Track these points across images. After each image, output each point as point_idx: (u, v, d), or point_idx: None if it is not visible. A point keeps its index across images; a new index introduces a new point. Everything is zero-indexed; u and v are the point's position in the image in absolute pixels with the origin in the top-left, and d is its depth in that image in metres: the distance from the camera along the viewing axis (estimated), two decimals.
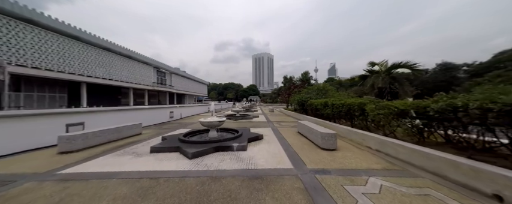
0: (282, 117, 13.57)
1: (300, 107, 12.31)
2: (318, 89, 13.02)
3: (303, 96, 12.06)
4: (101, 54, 21.13)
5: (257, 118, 12.58)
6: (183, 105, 15.49)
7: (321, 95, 12.00)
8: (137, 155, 4.22)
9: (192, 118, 14.10)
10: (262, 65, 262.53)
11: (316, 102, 9.75)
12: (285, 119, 12.68)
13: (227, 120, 11.50)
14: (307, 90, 13.67)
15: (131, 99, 27.34)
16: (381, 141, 4.27)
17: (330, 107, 7.68)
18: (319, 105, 9.13)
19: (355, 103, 5.75)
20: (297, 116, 12.81)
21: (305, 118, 10.39)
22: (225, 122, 10.34)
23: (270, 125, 9.52)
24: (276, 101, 71.30)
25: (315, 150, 4.47)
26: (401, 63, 8.25)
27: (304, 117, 10.85)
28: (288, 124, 9.76)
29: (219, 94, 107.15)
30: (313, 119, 9.42)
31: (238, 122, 11.06)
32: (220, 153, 4.23)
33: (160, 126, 9.92)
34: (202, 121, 5.27)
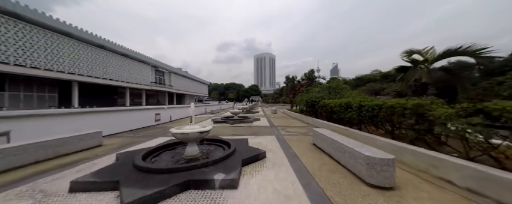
0: (287, 121, 11.91)
1: (309, 108, 10.60)
2: (330, 87, 11.29)
3: (312, 95, 10.35)
4: (94, 51, 19.94)
5: (258, 121, 11.02)
6: (174, 106, 13.89)
7: (334, 94, 10.35)
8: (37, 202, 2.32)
9: (182, 121, 12.43)
10: (264, 65, 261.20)
11: (331, 103, 8.20)
12: (291, 122, 11.02)
13: (222, 124, 9.99)
14: (317, 89, 11.98)
15: (127, 99, 26.18)
16: (482, 174, 2.38)
17: (355, 109, 5.99)
18: (336, 107, 7.58)
19: (407, 105, 3.85)
20: (304, 118, 11.18)
21: (316, 123, 8.76)
22: (220, 127, 8.81)
23: (274, 131, 7.85)
24: (278, 101, 69.84)
25: (357, 189, 2.62)
26: (459, 49, 5.83)
27: (315, 120, 9.24)
28: (296, 130, 8.07)
29: (220, 94, 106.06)
30: (326, 123, 7.80)
31: (235, 126, 9.48)
32: (190, 196, 2.39)
33: (139, 132, 8.30)
34: (174, 132, 3.48)
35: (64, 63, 16.92)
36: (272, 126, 9.29)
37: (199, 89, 53.37)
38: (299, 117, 12.46)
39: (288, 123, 10.37)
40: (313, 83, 14.68)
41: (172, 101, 39.08)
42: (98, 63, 20.44)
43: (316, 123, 9.08)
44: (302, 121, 11.35)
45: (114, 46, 22.23)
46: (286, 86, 31.65)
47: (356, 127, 6.45)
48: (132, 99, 29.36)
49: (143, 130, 8.91)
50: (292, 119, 12.66)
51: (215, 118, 12.35)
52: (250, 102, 71.42)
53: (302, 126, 9.23)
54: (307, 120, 10.63)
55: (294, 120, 11.88)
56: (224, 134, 6.84)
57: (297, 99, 13.65)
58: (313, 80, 15.03)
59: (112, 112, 8.40)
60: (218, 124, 10.08)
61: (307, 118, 10.76)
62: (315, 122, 9.25)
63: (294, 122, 11.30)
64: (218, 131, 7.97)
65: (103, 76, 21.02)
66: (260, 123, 10.61)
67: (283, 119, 12.97)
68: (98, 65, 20.43)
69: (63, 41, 16.82)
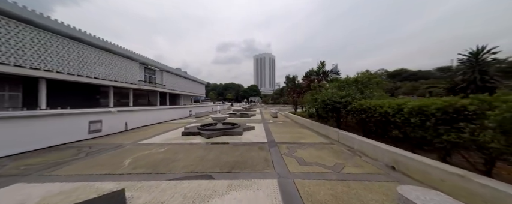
0: (293, 130, 8.76)
1: (327, 113, 7.37)
2: (359, 81, 7.74)
3: (333, 93, 6.92)
4: (67, 44, 17.23)
5: (250, 133, 7.85)
6: (133, 109, 10.59)
7: (367, 92, 7.15)
8: None
9: (145, 130, 9.02)
10: (264, 65, 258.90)
11: (386, 106, 4.56)
12: (299, 134, 7.83)
13: (192, 139, 6.94)
14: (336, 84, 8.66)
15: (111, 100, 23.47)
16: None
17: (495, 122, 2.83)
18: (400, 116, 4.16)
19: None
20: (319, 128, 8.00)
21: (349, 140, 5.43)
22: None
23: (275, 158, 4.67)
24: (278, 102, 67.18)
25: None
26: None
27: (342, 135, 5.92)
28: (318, 157, 4.77)
29: (218, 95, 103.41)
30: (387, 149, 4.20)
31: (206, 147, 6.27)
32: None
33: (43, 154, 5.34)
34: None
35: (25, 56, 14.21)
36: (271, 144, 6.03)
37: (196, 89, 50.70)
38: (310, 125, 9.40)
39: (296, 137, 7.25)
40: (325, 79, 11.56)
41: (164, 102, 36.43)
42: (72, 58, 17.73)
43: (348, 141, 5.68)
44: (317, 132, 8.17)
45: (94, 39, 19.53)
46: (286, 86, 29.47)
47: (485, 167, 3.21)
48: (118, 100, 26.72)
49: (57, 151, 5.80)
50: (299, 128, 9.60)
51: (190, 126, 9.52)
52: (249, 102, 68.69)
53: (322, 144, 6.01)
54: (326, 131, 7.44)
55: (304, 130, 8.80)
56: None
57: (306, 99, 10.38)
58: (325, 74, 11.84)
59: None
60: (188, 138, 6.98)
61: (325, 128, 7.49)
62: (345, 139, 5.83)
63: (304, 133, 8.17)
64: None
65: (78, 73, 18.30)
66: (253, 134, 7.63)
67: (287, 126, 9.96)
68: (72, 60, 17.72)
69: (23, 30, 14.11)
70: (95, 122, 7.42)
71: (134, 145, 6.01)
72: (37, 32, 14.97)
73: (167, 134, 7.84)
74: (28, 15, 14.04)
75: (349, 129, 7.07)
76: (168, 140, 6.63)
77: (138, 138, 7.01)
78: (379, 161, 4.34)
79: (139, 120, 10.47)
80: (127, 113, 9.78)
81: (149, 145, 5.91)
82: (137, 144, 6.07)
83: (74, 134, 6.78)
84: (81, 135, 6.97)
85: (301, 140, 6.73)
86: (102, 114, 8.00)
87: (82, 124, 7.08)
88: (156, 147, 5.50)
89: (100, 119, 7.72)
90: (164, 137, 7.14)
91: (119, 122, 8.93)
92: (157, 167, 4.04)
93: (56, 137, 6.28)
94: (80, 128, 7.00)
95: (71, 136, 6.69)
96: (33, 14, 14.29)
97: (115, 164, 4.20)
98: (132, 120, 9.76)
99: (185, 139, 6.68)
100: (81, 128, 7.03)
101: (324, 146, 5.90)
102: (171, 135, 7.64)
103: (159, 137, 7.15)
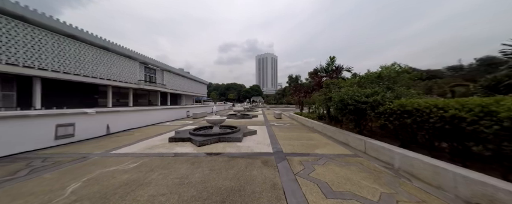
0: (302, 135, 7.56)
1: (344, 115, 6.04)
2: (387, 77, 6.43)
3: (355, 91, 5.74)
4: (63, 42, 16.62)
5: (251, 138, 6.67)
6: (120, 109, 9.29)
7: (400, 89, 5.85)
8: None
9: (127, 136, 7.62)
10: (266, 65, 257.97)
11: (458, 105, 3.17)
12: (312, 140, 6.45)
13: (183, 147, 5.76)
14: (357, 81, 7.33)
15: (110, 99, 22.89)
16: None
17: None
18: (495, 123, 2.57)
19: None
20: (336, 133, 6.56)
21: (385, 151, 4.13)
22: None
23: (284, 179, 3.27)
24: (281, 102, 66.20)
25: None
26: None
27: (371, 144, 4.63)
28: (362, 198, 2.62)
29: (220, 95, 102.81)
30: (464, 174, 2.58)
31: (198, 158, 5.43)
32: None
33: None
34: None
35: (18, 54, 13.62)
36: (279, 156, 4.62)
37: (197, 89, 50.08)
38: (321, 129, 8.01)
39: (308, 144, 5.84)
40: (336, 76, 10.36)
41: (165, 102, 35.84)
42: (69, 56, 17.12)
43: (381, 154, 4.29)
44: (332, 139, 6.71)
45: (91, 37, 18.93)
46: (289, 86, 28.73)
47: None
48: (117, 100, 26.11)
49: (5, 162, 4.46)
50: (309, 132, 8.22)
51: (182, 129, 8.22)
52: (251, 103, 67.83)
53: (345, 158, 4.56)
54: (344, 138, 6.02)
55: (316, 135, 7.33)
56: None
57: (314, 99, 9.22)
58: (339, 70, 10.62)
59: None
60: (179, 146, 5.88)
61: (343, 134, 6.12)
62: (377, 150, 4.44)
63: (316, 139, 6.71)
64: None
65: (75, 72, 17.70)
66: (255, 141, 6.35)
67: (295, 130, 8.70)
68: (69, 58, 17.11)
69: (16, 26, 13.51)
70: (64, 125, 6.24)
71: (103, 156, 4.77)
72: (31, 29, 14.37)
73: (153, 140, 6.74)
74: (21, 12, 13.44)
75: (373, 135, 5.62)
76: (149, 148, 5.55)
77: (114, 146, 5.85)
78: (448, 191, 2.78)
79: (126, 123, 9.28)
80: (110, 114, 8.47)
81: (121, 157, 4.70)
82: (107, 155, 4.87)
83: (34, 141, 5.52)
84: (44, 142, 5.74)
85: (315, 149, 5.32)
86: (75, 116, 6.76)
87: (46, 128, 5.83)
88: (128, 161, 4.34)
89: (72, 122, 6.51)
90: (146, 145, 6.02)
91: (98, 124, 7.74)
92: (109, 200, 2.62)
93: (6, 145, 4.95)
94: (42, 134, 5.76)
95: (29, 144, 5.38)
96: (26, 10, 13.69)
97: (51, 193, 2.84)
98: (117, 123, 8.63)
99: (171, 147, 5.58)
100: (44, 133, 5.80)
101: (348, 159, 4.44)
102: (156, 141, 6.54)
103: (141, 145, 6.03)
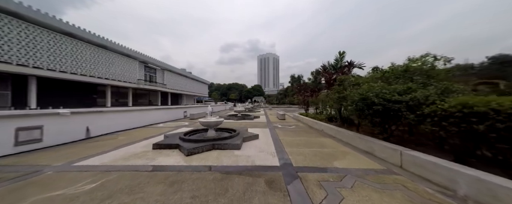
0: (314, 141, 6.50)
1: (365, 116, 5.20)
2: (418, 71, 5.37)
3: (382, 88, 4.66)
4: (59, 40, 16.11)
5: (252, 146, 5.55)
6: (103, 110, 8.35)
7: (439, 85, 4.58)
8: None
9: (106, 141, 6.56)
10: (268, 65, 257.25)
11: None
12: (331, 150, 5.23)
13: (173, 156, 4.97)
14: (381, 76, 6.18)
15: (109, 99, 22.39)
16: None
17: None
18: None
19: None
20: (356, 140, 5.51)
21: (443, 170, 2.87)
22: None
23: None
24: (283, 102, 65.45)
25: None
26: None
27: (414, 156, 3.55)
28: None
29: (222, 95, 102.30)
30: None
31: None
32: None
33: None
34: None
35: (11, 51, 13.11)
36: (288, 173, 3.50)
37: (199, 89, 49.55)
38: (334, 134, 6.92)
39: (322, 154, 4.80)
40: (348, 72, 9.34)
41: (166, 102, 35.32)
42: (65, 54, 16.61)
43: (433, 173, 3.13)
44: (350, 145, 5.68)
45: (89, 35, 18.42)
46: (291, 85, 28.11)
47: None
48: (117, 99, 25.58)
49: None
50: (319, 136, 7.07)
51: (171, 133, 6.98)
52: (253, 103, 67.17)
53: (378, 177, 3.36)
54: (368, 146, 4.97)
55: (328, 141, 6.30)
56: None
57: (323, 98, 7.97)
58: (352, 66, 9.56)
59: None
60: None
61: (366, 141, 5.07)
62: (424, 167, 3.32)
63: (330, 146, 5.70)
64: None
65: (73, 71, 17.19)
66: (256, 148, 5.37)
67: (302, 134, 7.53)
68: (65, 57, 16.59)
69: (9, 23, 13.00)
70: (28, 129, 5.32)
71: (60, 171, 3.81)
72: (25, 26, 13.86)
73: (136, 146, 5.75)
74: (15, 8, 12.92)
75: (402, 143, 4.47)
76: (125, 158, 4.59)
77: (85, 154, 4.91)
78: None
79: (111, 124, 8.33)
80: (91, 114, 7.44)
81: (83, 172, 3.73)
82: (66, 169, 3.91)
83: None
84: (4, 149, 4.87)
85: (334, 161, 4.24)
86: (44, 118, 5.75)
87: (1, 133, 4.90)
88: (87, 179, 3.36)
89: (39, 125, 5.59)
90: (124, 153, 5.04)
91: (76, 127, 6.77)
92: None
93: None
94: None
95: None
96: (20, 6, 13.17)
97: None
98: (100, 124, 7.71)
99: (152, 157, 4.61)
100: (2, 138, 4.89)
101: (384, 178, 3.25)
102: (139, 147, 5.57)
103: (117, 153, 5.04)
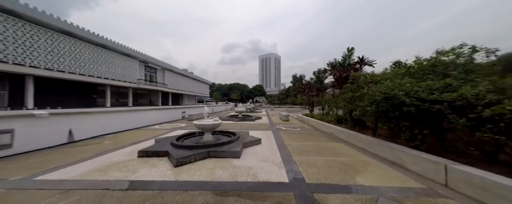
0: (325, 147, 5.71)
1: (391, 120, 4.30)
2: (448, 65, 4.50)
3: (413, 84, 3.83)
4: (56, 39, 15.77)
5: (253, 153, 4.81)
6: (90, 111, 7.70)
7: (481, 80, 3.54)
8: None
9: (91, 146, 5.86)
10: (269, 65, 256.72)
11: None
12: (347, 160, 4.28)
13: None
14: (405, 72, 5.42)
15: (108, 99, 22.05)
16: None
17: None
18: None
19: None
20: (376, 147, 4.75)
21: None
22: None
23: None
24: (285, 102, 64.91)
25: None
26: None
27: (470, 173, 2.68)
28: None
29: (223, 95, 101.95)
30: None
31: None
32: None
33: None
34: None
35: (7, 50, 12.77)
36: (302, 194, 2.77)
37: (200, 89, 49.22)
38: (346, 138, 6.15)
39: (338, 164, 4.04)
40: (360, 70, 8.53)
41: (167, 102, 34.97)
42: (64, 54, 16.26)
43: (490, 195, 2.46)
44: (369, 153, 4.90)
45: (87, 34, 18.06)
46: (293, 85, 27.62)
47: None
48: (117, 99, 25.26)
49: None
50: (329, 140, 6.30)
51: (163, 137, 6.48)
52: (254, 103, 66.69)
53: (420, 200, 2.63)
54: (395, 155, 4.15)
55: (340, 147, 5.53)
56: None
57: (342, 96, 7.10)
58: (363, 62, 8.68)
59: None
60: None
61: (392, 148, 4.25)
62: (488, 191, 2.48)
63: (344, 153, 4.92)
64: None
65: (71, 70, 16.84)
66: (259, 156, 4.58)
67: (310, 138, 6.74)
68: (64, 56, 16.25)
69: (5, 21, 12.66)
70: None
71: (15, 186, 3.20)
72: (21, 25, 13.53)
73: (119, 153, 4.97)
74: (10, 6, 12.58)
75: (430, 150, 3.77)
76: (101, 169, 3.82)
77: (55, 164, 4.10)
78: None
79: (99, 126, 7.60)
80: (75, 116, 6.58)
81: (39, 190, 3.04)
82: (23, 185, 3.24)
83: None
84: None
85: (356, 176, 3.43)
86: (15, 120, 4.91)
87: None
88: (40, 200, 2.75)
89: (9, 128, 4.84)
90: (102, 162, 4.26)
91: (56, 130, 6.05)
92: None
93: None
94: None
95: None
96: (15, 4, 12.82)
97: None
98: (86, 127, 7.01)
99: (134, 168, 3.85)
100: None
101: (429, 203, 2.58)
102: (123, 154, 4.79)
103: (94, 162, 4.27)
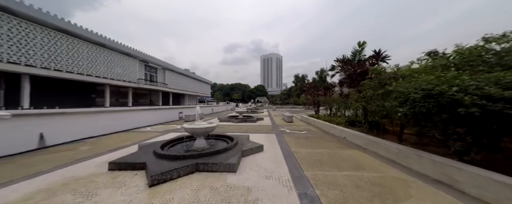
0: (340, 156, 4.80)
1: (438, 125, 3.35)
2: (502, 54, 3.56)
3: (477, 79, 2.90)
4: (53, 37, 15.34)
5: (254, 166, 3.97)
6: (66, 111, 6.97)
7: None
8: None
9: (62, 153, 5.22)
10: (271, 65, 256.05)
11: None
12: (374, 176, 3.48)
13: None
14: (444, 64, 4.35)
15: (107, 99, 21.64)
16: None
17: None
18: None
19: None
20: (413, 158, 3.84)
21: None
22: None
23: None
24: (287, 102, 64.27)
25: None
26: None
27: None
28: None
29: (225, 95, 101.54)
30: None
31: None
32: None
33: None
34: None
35: (2, 48, 12.36)
36: None
37: (201, 89, 48.79)
38: (364, 144, 5.52)
39: (369, 188, 3.06)
40: (376, 63, 7.56)
41: (167, 102, 34.56)
42: (61, 52, 15.84)
43: None
44: (402, 167, 4.02)
45: (86, 32, 17.63)
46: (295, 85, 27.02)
47: None
48: (117, 99, 24.86)
49: None
50: (343, 147, 5.69)
51: (147, 143, 5.80)
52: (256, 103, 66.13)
53: None
54: (445, 172, 3.22)
55: (359, 155, 4.87)
56: None
57: (364, 93, 6.26)
58: (380, 56, 7.63)
59: None
60: None
61: (436, 162, 3.38)
62: None
63: (370, 167, 4.04)
64: None
65: (68, 69, 16.42)
66: (261, 170, 3.83)
67: (320, 143, 6.09)
68: (61, 54, 15.83)
69: None
70: None
71: None
72: (17, 22, 13.11)
73: (89, 163, 4.34)
74: (4, 3, 12.16)
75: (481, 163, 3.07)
76: (50, 188, 3.13)
77: (5, 179, 3.54)
78: None
79: (79, 129, 6.69)
80: (48, 117, 5.74)
81: None
82: None
83: None
84: None
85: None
86: None
87: None
88: None
89: None
90: (60, 177, 3.56)
91: (22, 134, 5.28)
92: None
93: None
94: None
95: None
96: (9, 1, 12.40)
97: None
98: (63, 130, 6.16)
99: (95, 187, 3.13)
100: None
101: None
102: (91, 165, 4.14)
103: (49, 177, 3.57)
